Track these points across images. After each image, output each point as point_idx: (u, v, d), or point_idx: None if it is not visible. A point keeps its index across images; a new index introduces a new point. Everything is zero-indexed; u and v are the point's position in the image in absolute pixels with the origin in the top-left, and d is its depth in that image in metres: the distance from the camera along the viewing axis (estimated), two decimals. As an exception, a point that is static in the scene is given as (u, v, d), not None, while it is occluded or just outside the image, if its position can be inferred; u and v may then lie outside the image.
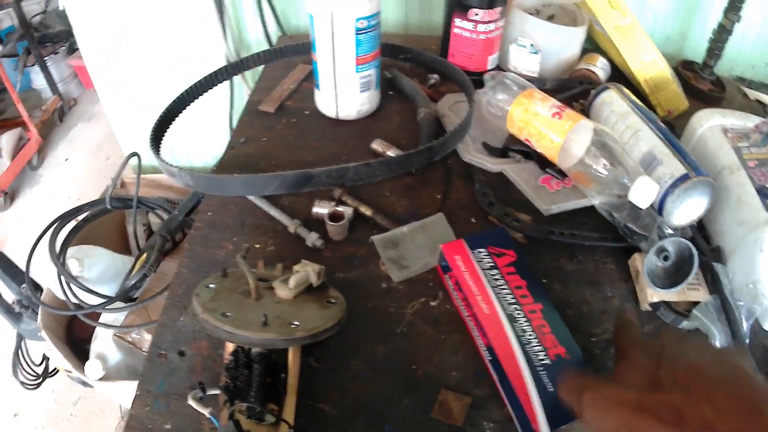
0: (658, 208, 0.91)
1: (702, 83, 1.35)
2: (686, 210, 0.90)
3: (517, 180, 1.03)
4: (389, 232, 0.93)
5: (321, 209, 0.96)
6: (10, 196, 2.83)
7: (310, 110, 1.24)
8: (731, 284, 0.83)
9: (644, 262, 0.84)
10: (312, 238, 0.92)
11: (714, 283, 0.83)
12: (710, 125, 1.01)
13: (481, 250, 0.82)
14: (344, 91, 1.14)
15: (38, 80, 3.34)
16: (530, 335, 0.71)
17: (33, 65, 3.24)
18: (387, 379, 0.76)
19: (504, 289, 0.77)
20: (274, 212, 0.97)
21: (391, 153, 1.08)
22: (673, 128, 1.08)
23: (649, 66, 1.26)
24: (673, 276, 0.84)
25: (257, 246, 0.94)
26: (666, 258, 0.84)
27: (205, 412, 0.65)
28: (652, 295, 0.83)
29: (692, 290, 0.82)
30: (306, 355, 0.77)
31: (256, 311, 0.69)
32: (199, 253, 0.94)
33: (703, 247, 0.89)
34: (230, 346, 0.72)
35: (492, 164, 1.06)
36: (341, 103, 1.17)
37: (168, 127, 1.18)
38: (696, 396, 0.44)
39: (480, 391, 0.75)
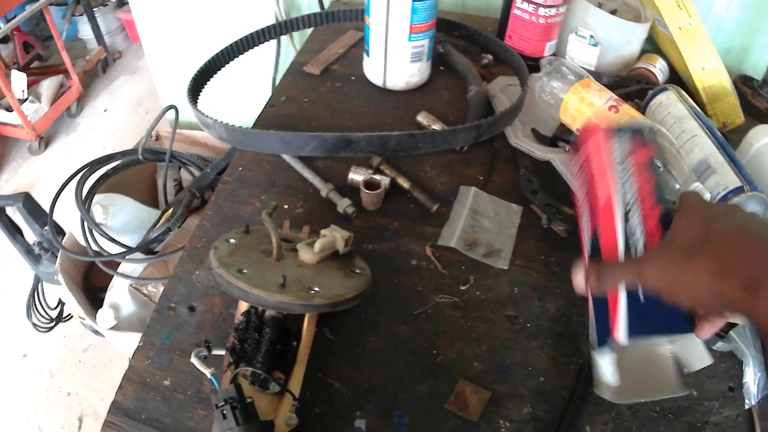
0: None
1: (759, 101, 1.26)
2: (735, 225, 0.83)
3: (564, 171, 0.96)
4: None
5: (357, 176, 0.90)
6: (46, 141, 2.83)
7: (356, 77, 1.18)
8: (772, 310, 0.77)
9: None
10: (344, 205, 0.86)
11: (754, 307, 0.76)
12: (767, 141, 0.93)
13: (621, 139, 0.68)
14: (394, 59, 1.08)
15: (85, 31, 3.33)
16: (638, 239, 0.61)
17: (81, 15, 3.23)
18: (404, 362, 0.71)
19: (628, 183, 0.65)
20: (307, 174, 0.92)
21: (437, 127, 1.02)
22: (727, 141, 1.00)
23: (710, 74, 1.18)
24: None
25: (285, 206, 0.89)
26: None
27: (207, 372, 0.60)
28: (691, 310, 0.76)
29: None
30: (321, 325, 0.72)
31: (275, 272, 0.64)
32: (224, 207, 0.90)
33: (748, 268, 0.82)
34: (243, 306, 0.68)
35: (540, 152, 1.00)
36: (390, 72, 1.11)
37: (208, 80, 1.15)
38: (743, 253, 0.45)
39: (501, 387, 0.69)
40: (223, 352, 0.65)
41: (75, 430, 1.82)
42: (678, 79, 1.26)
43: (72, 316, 1.84)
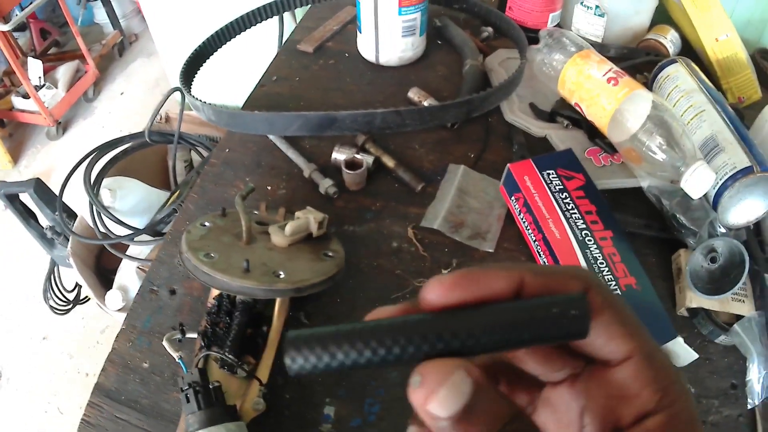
0: (713, 201, 0.79)
1: (778, 75, 1.20)
2: (744, 208, 0.78)
3: (561, 148, 0.93)
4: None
5: (340, 155, 0.88)
6: (63, 126, 2.87)
7: (350, 53, 1.16)
8: (782, 302, 0.73)
9: (689, 260, 0.73)
10: (325, 185, 0.85)
11: (762, 298, 0.71)
12: (785, 119, 0.87)
13: (550, 171, 0.78)
14: (386, 34, 1.05)
15: (101, 15, 3.35)
16: (601, 263, 0.70)
17: (96, 0, 3.25)
18: (379, 347, 0.69)
19: (574, 213, 0.74)
20: (291, 154, 0.91)
21: (427, 103, 0.99)
22: (742, 118, 0.94)
23: (724, 45, 1.12)
24: (719, 281, 0.72)
25: (269, 188, 0.88)
26: (714, 260, 0.73)
27: (175, 355, 0.60)
28: (692, 299, 0.72)
29: (737, 301, 0.71)
30: (296, 309, 0.71)
31: (243, 256, 0.62)
32: (208, 189, 0.89)
33: (757, 255, 0.76)
34: (215, 290, 0.67)
35: (536, 127, 0.96)
36: (382, 48, 1.08)
37: (202, 63, 1.13)
38: None
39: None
40: (196, 336, 0.64)
41: (93, 409, 1.85)
42: (691, 52, 1.21)
43: (89, 299, 1.86)
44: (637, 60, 1.14)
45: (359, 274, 0.76)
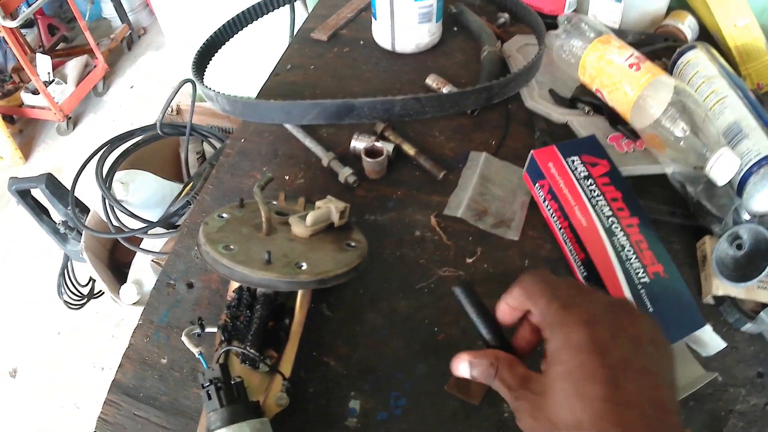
0: (738, 188, 0.77)
1: (796, 62, 1.17)
2: (769, 195, 0.76)
3: (582, 134, 0.91)
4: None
5: (359, 143, 0.86)
6: (74, 121, 2.88)
7: (365, 41, 1.13)
8: (808, 291, 0.71)
9: (714, 247, 0.71)
10: (345, 174, 0.83)
11: (788, 286, 0.70)
12: (805, 105, 0.85)
13: (574, 158, 0.76)
14: (402, 21, 1.03)
15: (108, 9, 3.35)
16: (629, 251, 0.68)
17: (104, -6, 3.26)
18: (404, 340, 0.67)
19: (600, 200, 0.72)
20: (309, 143, 0.89)
21: (446, 90, 0.97)
22: (761, 104, 0.92)
23: (743, 31, 1.09)
24: (745, 269, 0.70)
25: (287, 177, 0.86)
26: (739, 247, 0.71)
27: (195, 350, 0.58)
28: (718, 287, 0.70)
29: (763, 289, 0.69)
30: (318, 301, 0.70)
31: (264, 247, 0.61)
32: (225, 180, 0.88)
33: (782, 242, 0.74)
34: (234, 283, 0.65)
35: (557, 114, 0.94)
36: (398, 35, 1.06)
37: (214, 53, 1.12)
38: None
39: (506, 368, 0.65)
40: (216, 330, 0.63)
41: (109, 404, 1.85)
42: (708, 37, 1.18)
43: (103, 293, 1.86)
44: (656, 46, 1.11)
45: (383, 264, 0.74)
